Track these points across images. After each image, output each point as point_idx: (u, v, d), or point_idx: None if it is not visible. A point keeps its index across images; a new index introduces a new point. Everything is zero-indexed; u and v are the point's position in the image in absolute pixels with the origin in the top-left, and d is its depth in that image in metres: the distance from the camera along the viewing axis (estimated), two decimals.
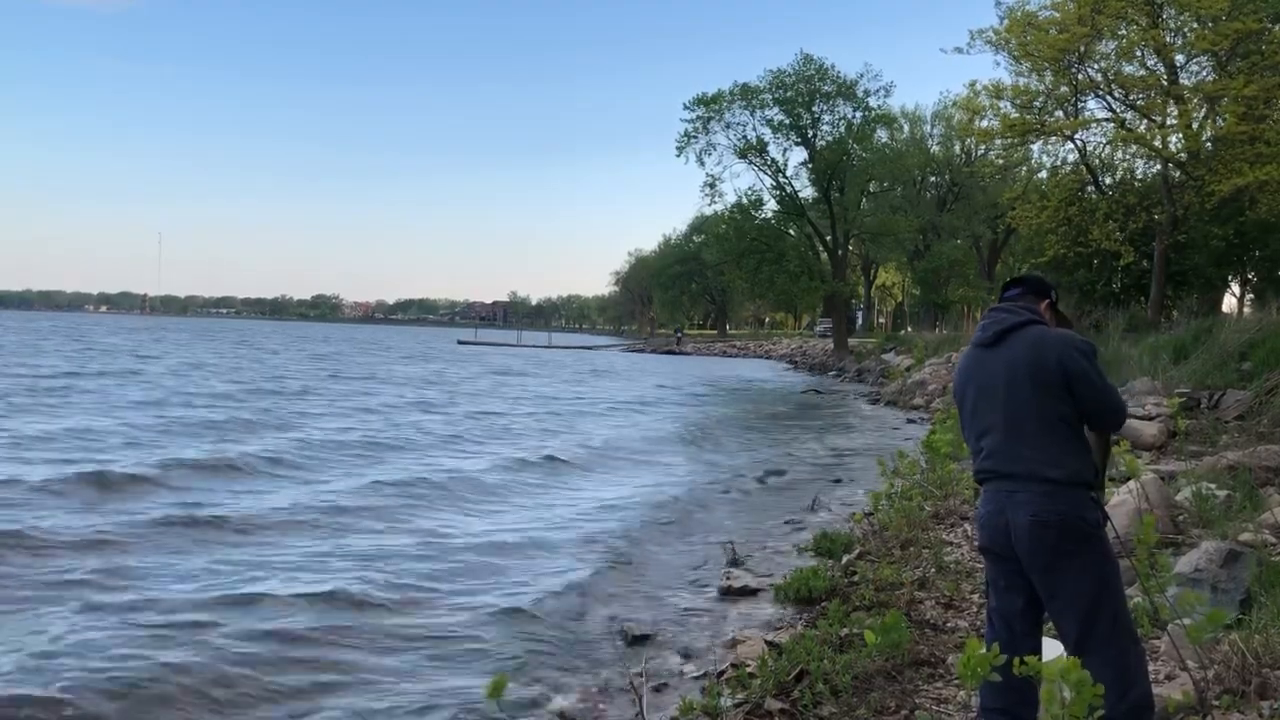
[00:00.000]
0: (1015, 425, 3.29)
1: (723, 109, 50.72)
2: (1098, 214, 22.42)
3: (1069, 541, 3.17)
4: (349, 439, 14.83)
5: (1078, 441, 3.27)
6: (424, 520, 9.33)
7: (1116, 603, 3.20)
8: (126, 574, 6.84)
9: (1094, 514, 3.23)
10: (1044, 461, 3.21)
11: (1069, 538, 3.17)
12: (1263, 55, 19.49)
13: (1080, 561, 3.17)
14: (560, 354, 64.76)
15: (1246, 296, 33.56)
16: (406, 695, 4.98)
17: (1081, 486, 3.22)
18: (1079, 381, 3.24)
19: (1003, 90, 22.96)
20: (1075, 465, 3.22)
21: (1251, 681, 3.87)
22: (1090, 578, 3.17)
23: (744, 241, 52.38)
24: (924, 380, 28.06)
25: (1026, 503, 3.21)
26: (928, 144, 60.62)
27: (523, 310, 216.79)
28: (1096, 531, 3.22)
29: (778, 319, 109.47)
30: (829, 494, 11.47)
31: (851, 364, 44.90)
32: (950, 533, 8.14)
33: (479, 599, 6.71)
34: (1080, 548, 3.18)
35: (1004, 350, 3.38)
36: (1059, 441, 3.23)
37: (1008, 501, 3.27)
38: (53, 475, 10.11)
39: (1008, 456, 3.29)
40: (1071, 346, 3.29)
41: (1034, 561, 3.23)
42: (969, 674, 2.81)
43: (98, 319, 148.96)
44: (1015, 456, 3.27)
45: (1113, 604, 3.19)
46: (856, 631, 5.18)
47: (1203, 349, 14.20)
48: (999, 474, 3.32)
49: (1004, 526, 3.28)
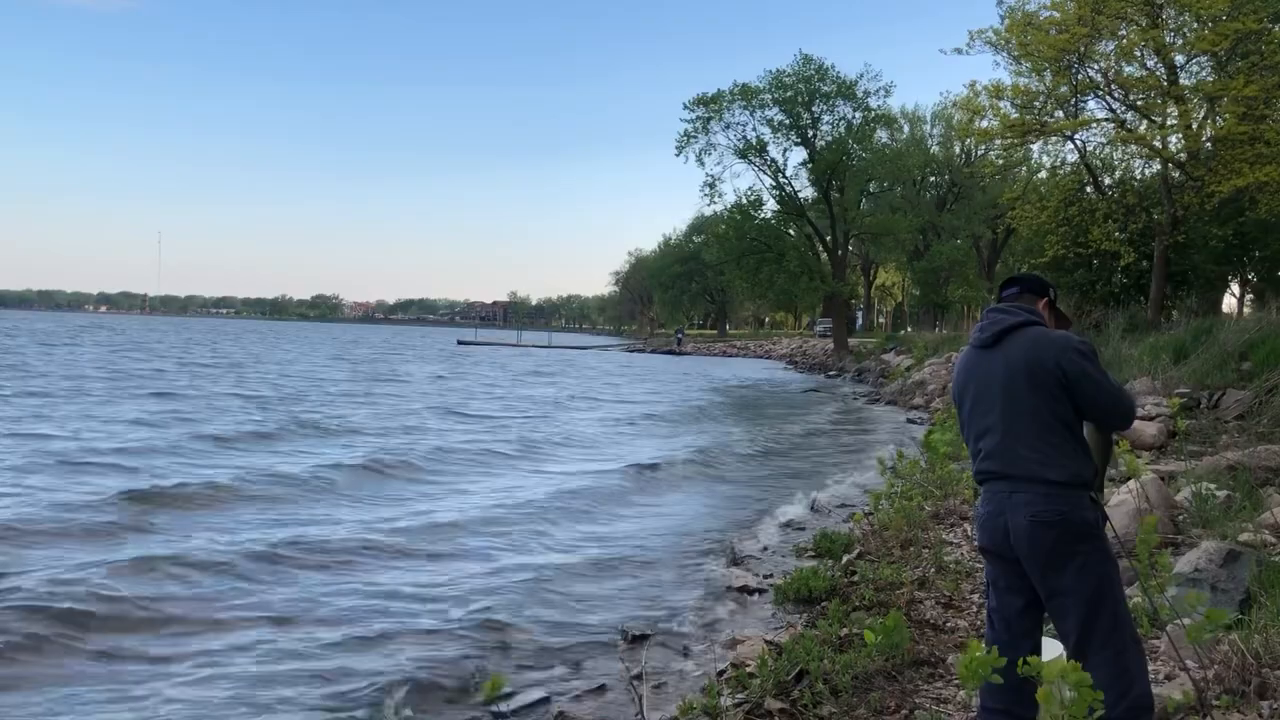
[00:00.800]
0: (1013, 426, 3.28)
1: (722, 109, 50.72)
2: (1097, 214, 22.40)
3: (1068, 542, 3.16)
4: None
5: (1076, 442, 3.26)
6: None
7: (1116, 603, 3.20)
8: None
9: (1093, 514, 3.22)
10: (1042, 462, 3.21)
11: (1068, 538, 3.16)
12: (1263, 55, 19.46)
13: (1079, 562, 3.17)
14: (569, 354, 64.85)
15: (1246, 296, 33.56)
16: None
17: (1080, 487, 3.21)
18: (1080, 382, 3.23)
19: (1003, 90, 22.92)
20: (1074, 466, 3.21)
21: (1251, 681, 3.87)
22: (1090, 578, 3.17)
23: (744, 241, 52.39)
24: (924, 380, 28.07)
25: (1025, 503, 3.21)
26: (927, 144, 60.62)
27: (523, 310, 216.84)
28: (1095, 531, 3.22)
29: (777, 319, 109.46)
30: (829, 493, 11.48)
31: (851, 364, 44.91)
32: (950, 533, 8.15)
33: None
34: (1079, 548, 3.17)
35: (1001, 351, 3.37)
36: (1057, 442, 3.23)
37: (1007, 502, 3.27)
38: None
39: (1006, 457, 3.29)
40: (1070, 347, 3.27)
41: (1033, 562, 3.22)
42: (969, 675, 2.80)
43: (100, 319, 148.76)
44: (1014, 457, 3.27)
45: (1112, 604, 3.19)
46: (856, 631, 5.18)
47: (1203, 349, 14.19)
48: (998, 474, 3.31)
49: (1003, 527, 3.28)
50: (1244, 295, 33.60)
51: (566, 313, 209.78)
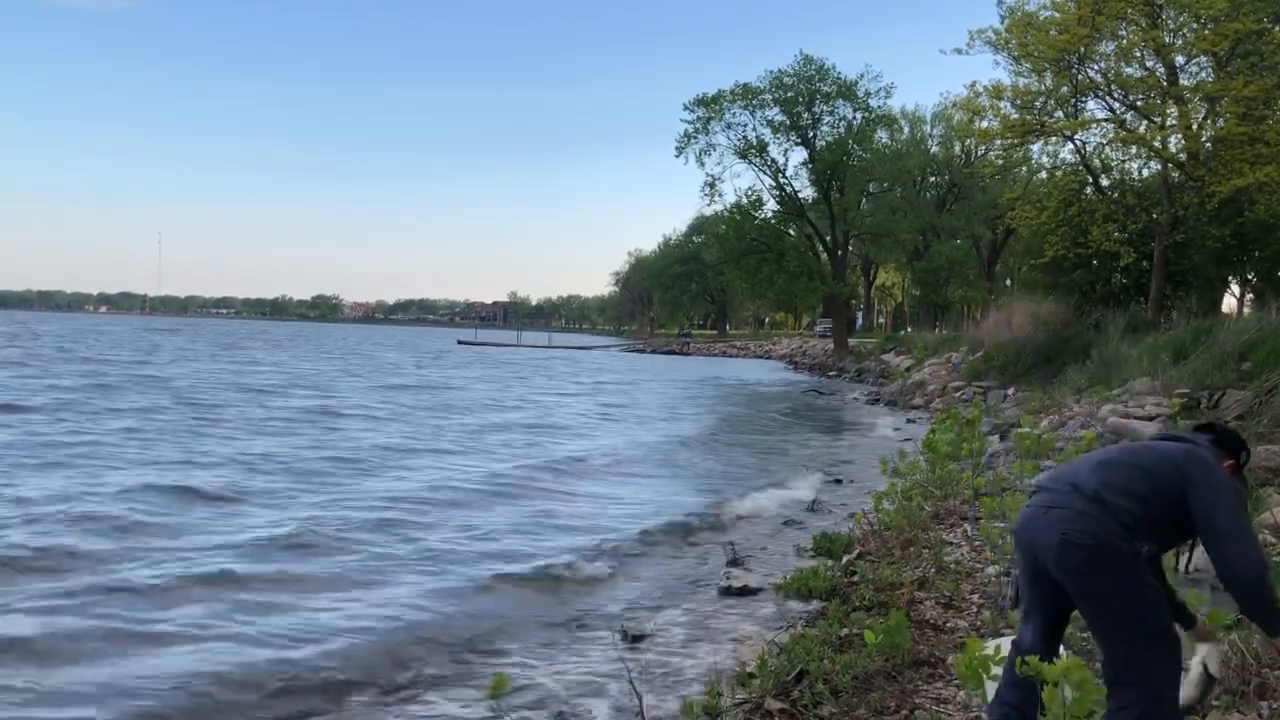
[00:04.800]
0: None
1: (722, 109, 50.79)
2: (1097, 214, 22.41)
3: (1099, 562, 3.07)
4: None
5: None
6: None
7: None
8: None
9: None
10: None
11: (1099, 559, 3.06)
12: (1262, 55, 19.48)
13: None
14: (575, 354, 64.82)
15: (1246, 296, 33.55)
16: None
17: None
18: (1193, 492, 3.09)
19: (1003, 91, 22.94)
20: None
21: (1251, 681, 3.88)
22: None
23: (744, 241, 52.44)
24: (924, 380, 28.08)
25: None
26: (927, 144, 60.64)
27: (523, 310, 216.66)
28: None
29: (777, 319, 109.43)
30: (829, 494, 11.48)
31: (851, 364, 44.93)
32: (950, 533, 8.14)
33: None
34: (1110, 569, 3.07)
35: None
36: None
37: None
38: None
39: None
40: (1201, 461, 3.13)
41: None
42: (969, 675, 2.81)
43: (101, 319, 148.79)
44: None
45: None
46: (856, 631, 5.18)
47: (1202, 349, 14.18)
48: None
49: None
50: (1244, 295, 33.59)
51: (566, 313, 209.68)
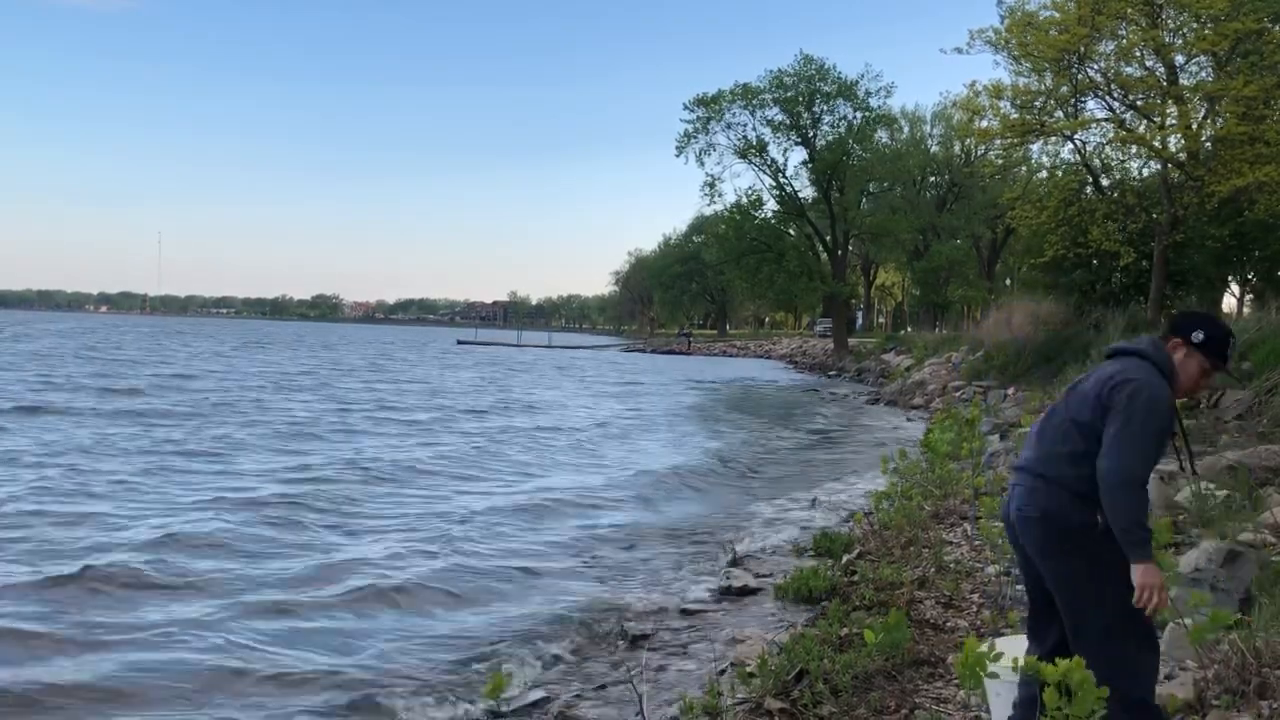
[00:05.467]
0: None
1: (722, 109, 50.74)
2: (1097, 214, 22.38)
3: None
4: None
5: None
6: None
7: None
8: None
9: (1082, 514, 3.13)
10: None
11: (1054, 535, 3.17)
12: (1262, 55, 19.46)
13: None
14: (577, 354, 64.72)
15: (1246, 296, 33.53)
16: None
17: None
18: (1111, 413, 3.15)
19: (1003, 90, 22.91)
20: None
21: (1251, 681, 3.87)
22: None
23: (744, 241, 52.39)
24: (924, 380, 28.07)
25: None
26: (927, 144, 60.61)
27: (523, 310, 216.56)
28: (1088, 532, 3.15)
29: (778, 319, 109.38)
30: (828, 493, 11.47)
31: (851, 364, 44.92)
32: (950, 532, 8.13)
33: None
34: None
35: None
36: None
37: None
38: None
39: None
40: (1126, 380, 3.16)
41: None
42: (968, 674, 2.81)
43: (103, 319, 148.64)
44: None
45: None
46: (856, 631, 5.18)
47: None
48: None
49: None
50: (1244, 295, 33.58)
51: (566, 313, 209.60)
